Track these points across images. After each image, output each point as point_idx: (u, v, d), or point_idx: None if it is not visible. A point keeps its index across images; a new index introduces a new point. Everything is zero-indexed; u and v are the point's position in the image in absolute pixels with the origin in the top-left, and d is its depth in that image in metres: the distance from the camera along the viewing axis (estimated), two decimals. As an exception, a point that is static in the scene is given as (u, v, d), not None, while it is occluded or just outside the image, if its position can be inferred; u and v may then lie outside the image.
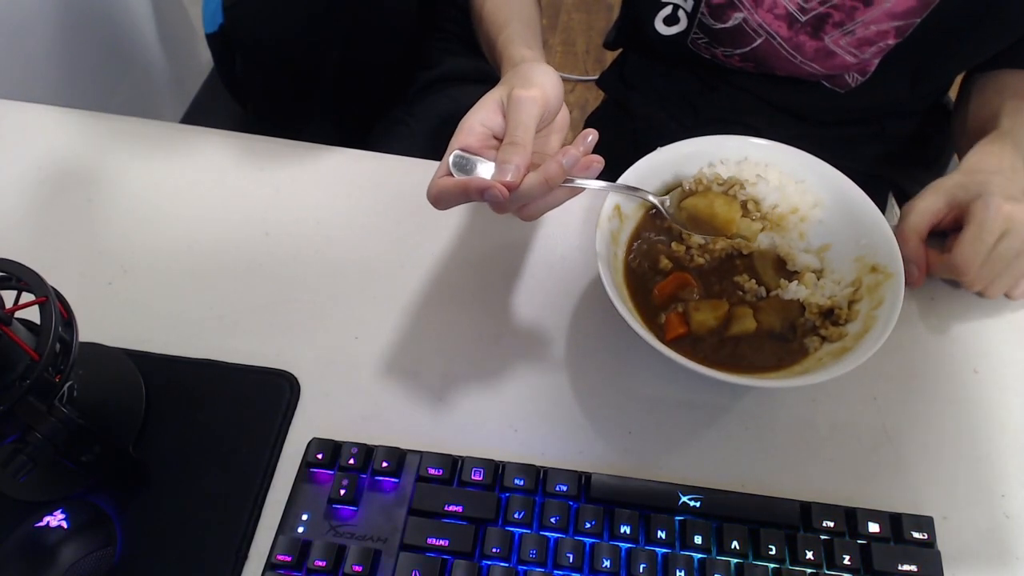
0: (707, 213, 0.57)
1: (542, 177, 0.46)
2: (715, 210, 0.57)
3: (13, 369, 0.40)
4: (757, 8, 0.69)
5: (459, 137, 0.49)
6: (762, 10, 0.69)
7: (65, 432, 0.41)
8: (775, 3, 0.68)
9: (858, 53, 0.69)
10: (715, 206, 0.58)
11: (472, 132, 0.49)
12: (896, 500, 0.51)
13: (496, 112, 0.50)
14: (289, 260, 0.61)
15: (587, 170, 0.48)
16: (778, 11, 0.69)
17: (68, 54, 1.06)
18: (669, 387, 0.56)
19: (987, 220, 0.55)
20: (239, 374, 0.54)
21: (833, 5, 0.66)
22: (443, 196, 0.47)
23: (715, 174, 0.59)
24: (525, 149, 0.47)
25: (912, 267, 0.59)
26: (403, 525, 0.47)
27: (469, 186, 0.46)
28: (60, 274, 0.45)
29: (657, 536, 0.47)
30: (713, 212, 0.57)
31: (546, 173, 0.46)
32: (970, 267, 0.57)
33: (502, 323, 0.59)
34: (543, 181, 0.46)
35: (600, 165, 0.49)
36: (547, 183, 0.47)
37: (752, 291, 0.57)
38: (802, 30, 0.69)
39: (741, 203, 0.58)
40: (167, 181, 0.66)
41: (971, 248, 0.56)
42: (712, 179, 0.59)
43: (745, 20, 0.71)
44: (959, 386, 0.57)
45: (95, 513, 0.46)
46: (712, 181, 0.58)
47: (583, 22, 1.99)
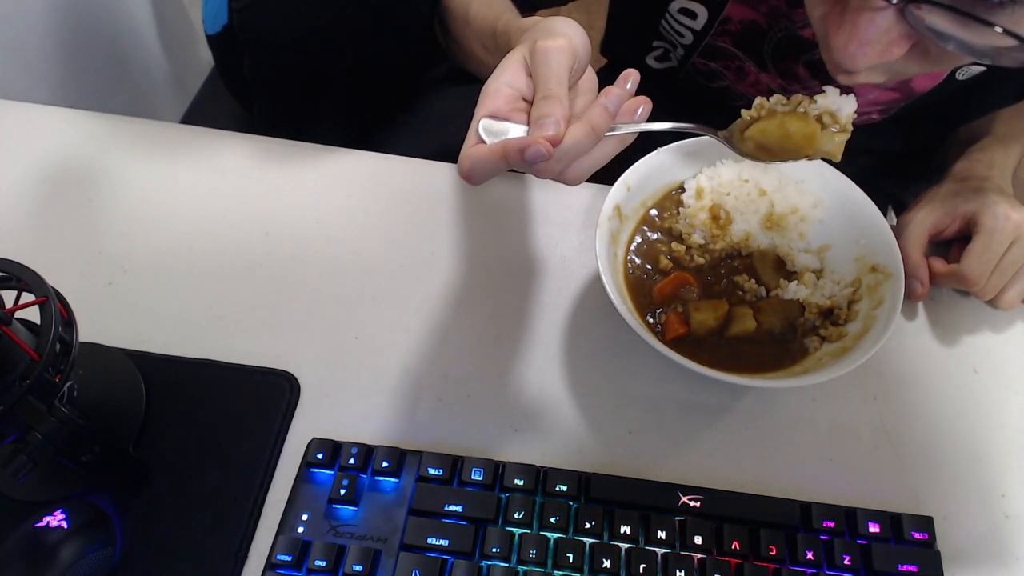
0: (779, 135, 0.50)
1: (587, 127, 0.41)
2: (789, 129, 0.50)
3: (13, 369, 0.40)
4: (739, 82, 0.70)
5: (485, 103, 0.43)
6: (745, 84, 0.69)
7: (65, 432, 0.41)
8: (758, 80, 0.68)
9: None
10: (788, 125, 0.50)
11: (499, 95, 0.43)
12: (896, 500, 0.51)
13: (521, 72, 0.44)
14: (289, 260, 0.61)
15: (634, 113, 0.44)
16: (761, 88, 0.69)
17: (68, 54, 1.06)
18: (669, 387, 0.56)
19: (996, 230, 0.55)
20: (239, 374, 0.54)
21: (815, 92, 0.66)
22: (477, 167, 0.42)
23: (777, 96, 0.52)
24: (561, 101, 0.41)
25: (915, 282, 0.58)
26: (403, 525, 0.47)
27: (507, 148, 0.40)
28: (60, 274, 0.45)
29: (657, 536, 0.47)
30: (787, 132, 0.50)
31: (591, 121, 0.41)
32: (980, 278, 0.56)
33: (502, 323, 0.59)
34: (589, 131, 0.41)
35: (648, 106, 0.44)
36: (593, 132, 0.41)
37: (752, 291, 0.57)
38: None
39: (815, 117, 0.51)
40: (167, 181, 0.66)
41: (980, 259, 0.56)
42: (775, 101, 0.51)
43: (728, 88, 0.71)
44: (959, 386, 0.57)
45: (95, 513, 0.46)
46: (775, 103, 0.51)
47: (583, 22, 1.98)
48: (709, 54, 0.70)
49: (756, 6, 0.64)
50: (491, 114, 0.43)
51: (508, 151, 0.40)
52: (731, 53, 0.69)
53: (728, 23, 0.66)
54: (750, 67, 0.69)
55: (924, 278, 0.59)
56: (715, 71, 0.70)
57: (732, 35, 0.67)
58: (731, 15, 0.66)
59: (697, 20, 0.67)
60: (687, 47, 0.70)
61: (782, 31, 0.64)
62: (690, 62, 0.71)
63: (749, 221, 0.59)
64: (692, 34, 0.68)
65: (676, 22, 0.69)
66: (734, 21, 0.66)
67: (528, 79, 0.44)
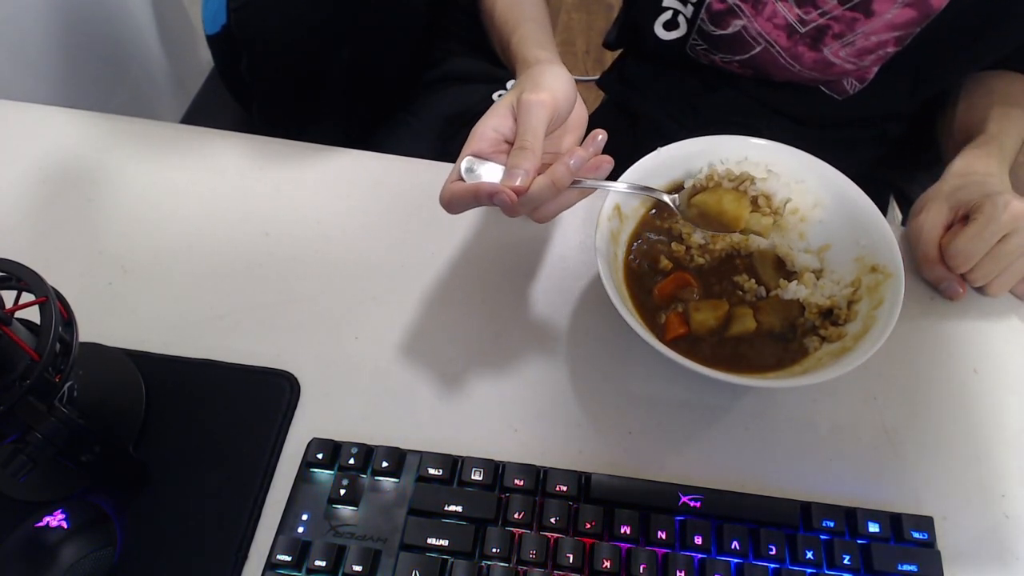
0: (716, 210, 0.57)
1: (549, 180, 0.47)
2: (724, 206, 0.57)
3: (13, 369, 0.40)
4: (757, 16, 0.69)
5: (471, 143, 0.49)
6: (761, 19, 0.69)
7: (65, 432, 0.41)
8: (775, 12, 0.68)
9: (857, 62, 0.70)
10: (724, 202, 0.57)
11: (484, 138, 0.49)
12: (896, 500, 0.51)
13: (508, 117, 0.50)
14: (289, 260, 0.61)
15: (596, 171, 0.49)
16: (777, 20, 0.69)
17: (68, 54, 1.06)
18: (669, 387, 0.56)
19: (994, 217, 0.55)
20: (239, 374, 0.54)
21: (833, 17, 0.66)
22: (454, 200, 0.48)
23: (726, 170, 0.58)
24: (534, 153, 0.47)
25: (953, 284, 0.60)
26: (403, 525, 0.47)
27: (479, 191, 0.47)
28: (60, 274, 0.45)
29: (657, 536, 0.47)
30: (722, 208, 0.57)
31: (553, 176, 0.47)
32: (966, 259, 0.57)
33: (502, 323, 0.59)
34: (550, 184, 0.47)
35: (610, 165, 0.49)
36: (555, 185, 0.47)
37: (752, 291, 0.57)
38: (801, 41, 0.69)
39: (751, 198, 0.57)
40: (167, 181, 0.66)
41: (971, 241, 0.56)
42: (723, 175, 0.58)
43: (745, 28, 0.71)
44: (959, 386, 0.57)
45: (95, 513, 0.46)
46: (723, 177, 0.58)
47: (583, 22, 1.99)
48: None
49: None
50: (475, 153, 0.49)
51: (480, 194, 0.47)
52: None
53: None
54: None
55: (955, 276, 0.60)
56: (731, 7, 0.69)
57: None
58: None
59: None
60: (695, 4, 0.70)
61: None
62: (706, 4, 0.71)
63: (749, 221, 0.59)
64: None
65: None
66: None
67: (513, 124, 0.50)
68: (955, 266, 0.58)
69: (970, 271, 0.58)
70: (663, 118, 0.83)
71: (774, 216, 0.57)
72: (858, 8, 0.65)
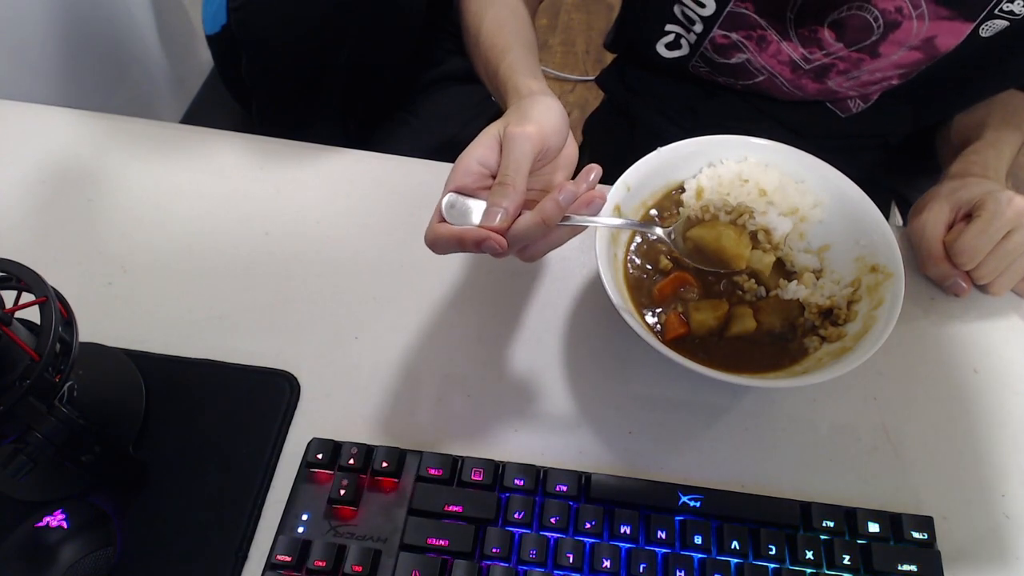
0: (714, 246, 0.55)
1: (539, 217, 0.44)
2: (723, 243, 0.55)
3: (13, 369, 0.40)
4: (761, 53, 0.69)
5: (454, 178, 0.46)
6: (766, 55, 0.69)
7: (65, 432, 0.41)
8: (779, 50, 0.68)
9: (861, 91, 0.70)
10: (723, 239, 0.55)
11: (468, 172, 0.46)
12: (896, 500, 0.51)
13: (493, 149, 0.47)
14: (289, 260, 0.61)
15: (587, 207, 0.45)
16: (782, 57, 0.69)
17: (68, 54, 1.06)
18: (669, 387, 0.56)
19: (998, 214, 0.56)
20: (239, 374, 0.54)
21: (839, 57, 0.66)
22: (439, 243, 0.45)
23: (723, 201, 0.56)
24: (515, 190, 0.44)
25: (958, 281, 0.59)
26: (403, 525, 0.47)
27: (464, 238, 0.44)
28: (60, 274, 0.45)
29: (657, 536, 0.47)
30: (721, 245, 0.55)
31: (543, 213, 0.44)
32: (972, 255, 0.57)
33: (502, 323, 0.59)
34: (540, 222, 0.44)
35: (603, 202, 0.46)
36: (544, 223, 0.44)
37: (752, 291, 0.57)
38: (805, 75, 0.70)
39: (751, 233, 0.56)
40: (167, 181, 0.66)
41: (977, 238, 0.56)
42: (720, 207, 0.56)
43: (748, 61, 0.71)
44: (959, 386, 0.57)
45: (95, 513, 0.46)
46: (720, 209, 0.56)
47: (583, 22, 1.99)
48: (730, 24, 0.69)
49: None
50: (458, 189, 0.46)
51: (465, 241, 0.44)
52: (753, 21, 0.68)
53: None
54: (772, 36, 0.68)
55: (960, 274, 0.60)
56: (735, 43, 0.69)
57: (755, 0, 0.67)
58: None
59: None
60: (707, 19, 0.69)
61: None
62: (709, 37, 0.71)
63: (749, 221, 0.59)
64: (715, 2, 0.68)
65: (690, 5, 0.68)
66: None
67: (499, 156, 0.47)
68: (961, 263, 0.58)
69: (976, 268, 0.58)
70: (662, 121, 0.83)
71: (775, 252, 0.56)
72: (864, 50, 0.65)
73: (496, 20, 0.65)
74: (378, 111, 0.94)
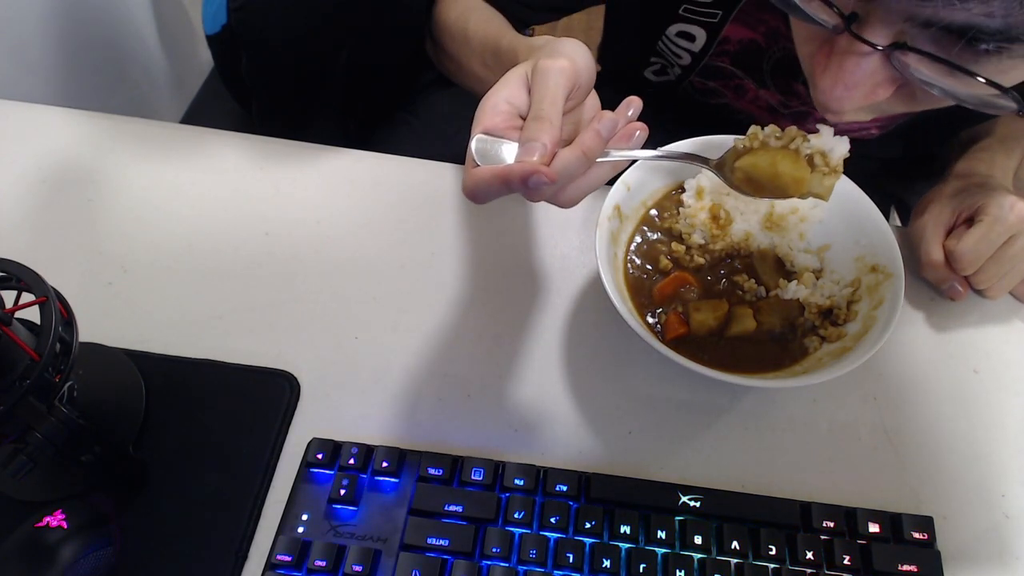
0: (769, 173, 0.50)
1: (579, 150, 0.41)
2: (779, 168, 0.50)
3: (13, 369, 0.40)
4: (739, 99, 0.70)
5: (482, 118, 0.42)
6: (744, 101, 0.70)
7: (65, 432, 0.41)
8: (757, 96, 0.68)
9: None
10: (779, 164, 0.50)
11: (496, 111, 0.42)
12: (896, 500, 0.51)
13: (522, 88, 0.44)
14: (289, 260, 0.61)
15: (629, 140, 0.43)
16: (760, 103, 0.69)
17: (68, 54, 1.06)
18: (669, 387, 0.56)
19: (1000, 219, 0.55)
20: (239, 374, 0.54)
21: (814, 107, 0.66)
22: (480, 189, 0.41)
23: (772, 128, 0.51)
24: (552, 124, 0.41)
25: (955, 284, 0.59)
26: (403, 525, 0.47)
27: (510, 175, 0.39)
28: (60, 274, 0.45)
29: (657, 536, 0.47)
30: (777, 172, 0.50)
31: (583, 145, 0.41)
32: (973, 260, 0.57)
33: (502, 323, 0.59)
34: (580, 155, 0.41)
35: (644, 133, 0.43)
36: (585, 156, 0.41)
37: (752, 291, 0.57)
38: (784, 119, 0.70)
39: (807, 157, 0.51)
40: (167, 181, 0.66)
41: (978, 243, 0.56)
42: (768, 133, 0.51)
43: (727, 104, 0.71)
44: (959, 386, 0.57)
45: (95, 513, 0.46)
46: (769, 135, 0.51)
47: (583, 22, 1.99)
48: (707, 73, 0.70)
49: (754, 26, 0.64)
50: (487, 130, 0.42)
51: (511, 179, 0.40)
52: (729, 72, 0.69)
53: (726, 43, 0.66)
54: (749, 84, 0.69)
55: (958, 276, 0.59)
56: (713, 89, 0.70)
57: (731, 55, 0.67)
58: (729, 35, 0.65)
59: (695, 43, 0.67)
60: (685, 67, 0.70)
61: (780, 50, 0.64)
62: (688, 80, 0.71)
63: (749, 221, 0.59)
64: (690, 56, 0.68)
65: (674, 44, 0.68)
66: (732, 41, 0.66)
67: (527, 96, 0.43)
68: (961, 268, 0.58)
69: (975, 273, 0.58)
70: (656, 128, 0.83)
71: (835, 174, 0.50)
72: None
73: (482, 17, 0.65)
74: (378, 111, 0.94)
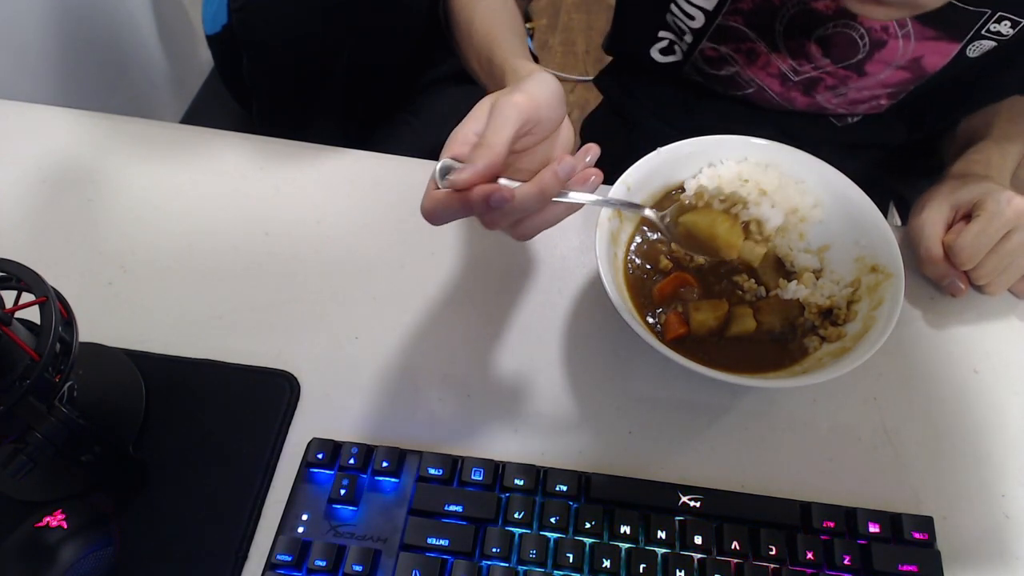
0: (707, 234, 0.54)
1: (536, 188, 0.43)
2: (716, 231, 0.54)
3: (13, 369, 0.40)
4: (750, 66, 0.70)
5: (451, 146, 0.45)
6: (755, 67, 0.70)
7: (65, 432, 0.41)
8: (768, 62, 0.68)
9: (849, 109, 0.70)
10: (716, 226, 0.54)
11: (465, 142, 0.45)
12: (896, 500, 0.51)
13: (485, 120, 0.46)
14: (289, 260, 0.61)
15: (585, 183, 0.45)
16: (771, 70, 0.69)
17: (68, 54, 1.06)
18: (669, 387, 0.56)
19: (998, 213, 0.55)
20: (239, 374, 0.54)
21: (826, 71, 0.66)
22: (438, 210, 0.43)
23: (717, 188, 0.56)
24: (492, 151, 0.42)
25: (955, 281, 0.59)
26: (403, 525, 0.47)
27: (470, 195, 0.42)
28: (60, 274, 0.45)
29: (657, 536, 0.47)
30: (714, 233, 0.54)
31: (541, 183, 0.43)
32: (972, 255, 0.57)
33: (502, 323, 0.59)
34: (538, 192, 0.43)
35: (599, 179, 0.45)
36: (542, 194, 0.43)
37: (752, 291, 0.57)
38: (794, 88, 0.70)
39: (743, 224, 0.55)
40: (167, 181, 0.66)
41: (977, 238, 0.56)
42: (713, 194, 0.55)
43: (738, 73, 0.71)
44: (959, 386, 0.57)
45: (95, 513, 0.46)
46: (713, 197, 0.55)
47: (583, 22, 1.99)
48: (719, 37, 0.69)
49: None
50: (454, 157, 0.44)
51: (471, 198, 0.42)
52: (742, 34, 0.68)
53: (740, 1, 0.66)
54: (761, 48, 0.68)
55: (958, 273, 0.59)
56: (724, 55, 0.70)
57: (744, 14, 0.66)
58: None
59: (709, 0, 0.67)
60: (697, 31, 0.70)
61: (795, 6, 0.64)
62: (699, 48, 0.71)
63: (749, 221, 0.59)
64: (704, 15, 0.68)
65: (689, 3, 0.69)
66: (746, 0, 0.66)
67: None
68: (960, 263, 0.58)
69: (974, 268, 0.58)
70: (658, 124, 0.83)
71: (765, 244, 0.55)
72: (851, 68, 0.65)
73: (488, 10, 0.65)
74: (378, 111, 0.94)
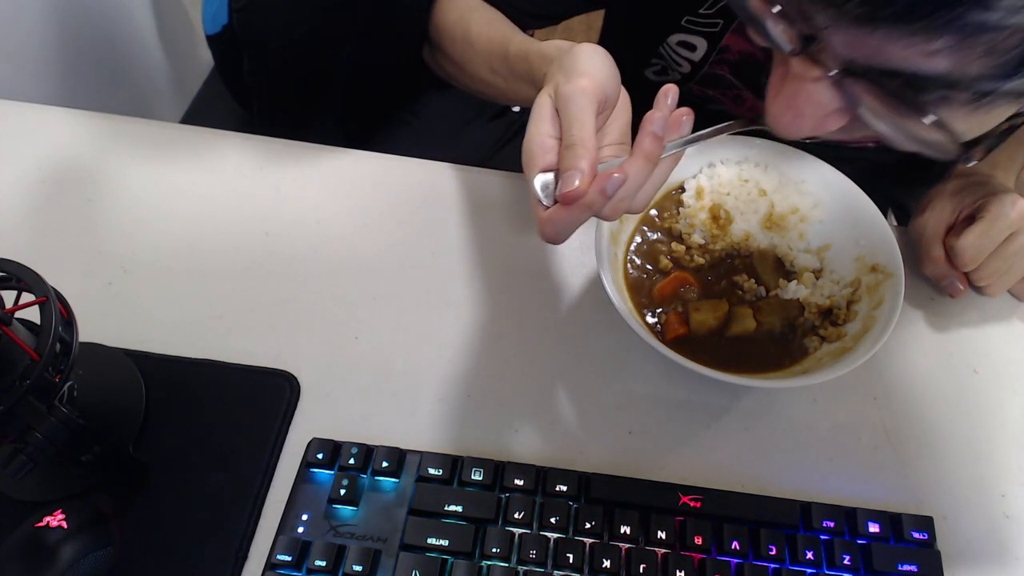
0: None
1: (641, 157, 0.41)
2: None
3: (13, 369, 0.40)
4: (737, 108, 0.70)
5: (534, 160, 0.42)
6: (742, 109, 0.70)
7: (65, 432, 0.41)
8: (755, 106, 0.68)
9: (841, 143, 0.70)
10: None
11: (546, 149, 0.42)
12: (896, 500, 0.51)
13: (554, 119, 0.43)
14: (289, 260, 0.61)
15: (680, 127, 0.43)
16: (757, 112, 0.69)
17: (68, 54, 1.06)
18: (669, 387, 0.56)
19: (1001, 216, 0.55)
20: (239, 374, 0.54)
21: None
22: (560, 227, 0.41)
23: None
24: (585, 148, 0.40)
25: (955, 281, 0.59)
26: (403, 525, 0.47)
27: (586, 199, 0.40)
28: (60, 274, 0.45)
29: (657, 536, 0.47)
30: None
31: (644, 152, 0.41)
32: (974, 256, 0.56)
33: (502, 323, 0.59)
34: (645, 162, 0.41)
35: (691, 117, 0.43)
36: (649, 162, 0.41)
37: (752, 291, 0.57)
38: None
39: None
40: (167, 181, 0.66)
41: (979, 239, 0.56)
42: None
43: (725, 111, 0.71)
44: (959, 386, 0.57)
45: (95, 513, 0.46)
46: None
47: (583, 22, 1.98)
48: (707, 82, 0.70)
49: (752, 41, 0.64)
50: (545, 169, 0.42)
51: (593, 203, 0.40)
52: (729, 82, 0.69)
53: (726, 52, 0.66)
54: (747, 95, 0.69)
55: (960, 275, 0.59)
56: (712, 97, 0.70)
57: (731, 64, 0.67)
58: (729, 44, 0.65)
59: (696, 52, 0.67)
60: (685, 75, 0.70)
61: None
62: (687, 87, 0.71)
63: (749, 221, 0.59)
64: (691, 64, 0.68)
65: (675, 53, 0.68)
66: (732, 51, 0.66)
67: None
68: (961, 264, 0.57)
69: (975, 270, 0.58)
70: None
71: None
72: None
73: (484, 19, 0.64)
74: (378, 111, 0.94)
